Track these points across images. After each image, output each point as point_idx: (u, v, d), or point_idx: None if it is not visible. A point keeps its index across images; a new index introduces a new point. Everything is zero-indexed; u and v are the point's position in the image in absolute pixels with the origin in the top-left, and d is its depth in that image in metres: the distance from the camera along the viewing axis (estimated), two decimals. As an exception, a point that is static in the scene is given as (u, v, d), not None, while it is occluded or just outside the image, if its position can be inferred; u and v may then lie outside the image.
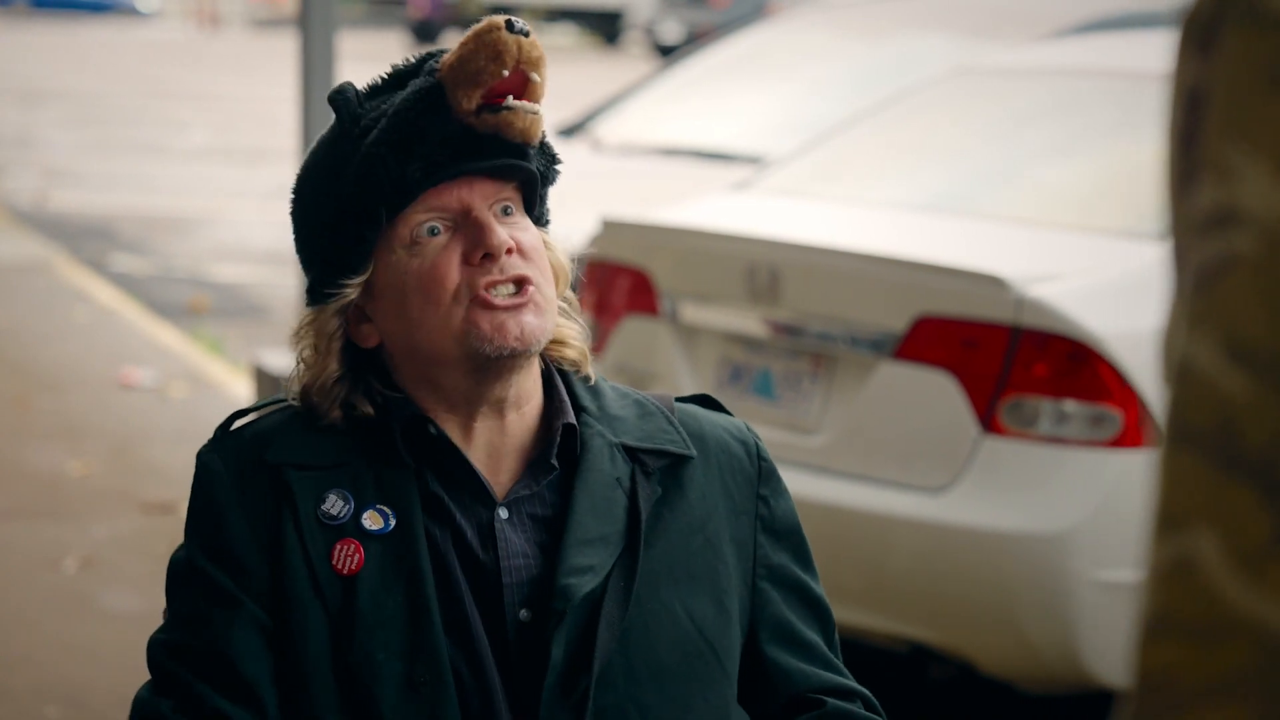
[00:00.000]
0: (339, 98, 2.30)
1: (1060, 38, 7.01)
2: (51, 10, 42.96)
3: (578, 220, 4.88)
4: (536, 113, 2.26)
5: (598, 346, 5.27)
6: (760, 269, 5.06)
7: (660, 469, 2.35)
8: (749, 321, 5.13)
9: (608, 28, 36.41)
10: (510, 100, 2.24)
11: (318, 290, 2.32)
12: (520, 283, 2.27)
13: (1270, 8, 1.03)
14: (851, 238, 5.15)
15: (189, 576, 2.28)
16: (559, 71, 2.29)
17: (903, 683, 5.28)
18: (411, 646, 2.22)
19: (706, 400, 2.49)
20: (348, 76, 2.60)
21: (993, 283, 4.67)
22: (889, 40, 8.63)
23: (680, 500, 2.35)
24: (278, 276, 11.60)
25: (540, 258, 2.31)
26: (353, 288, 2.30)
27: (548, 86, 2.26)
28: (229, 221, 14.38)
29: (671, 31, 31.12)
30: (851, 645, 2.55)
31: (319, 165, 2.33)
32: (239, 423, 2.35)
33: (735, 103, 8.60)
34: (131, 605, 5.91)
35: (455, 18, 34.56)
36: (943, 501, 4.73)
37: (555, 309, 2.32)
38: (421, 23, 35.75)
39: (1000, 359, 4.66)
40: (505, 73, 2.22)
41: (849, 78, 8.28)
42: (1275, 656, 1.01)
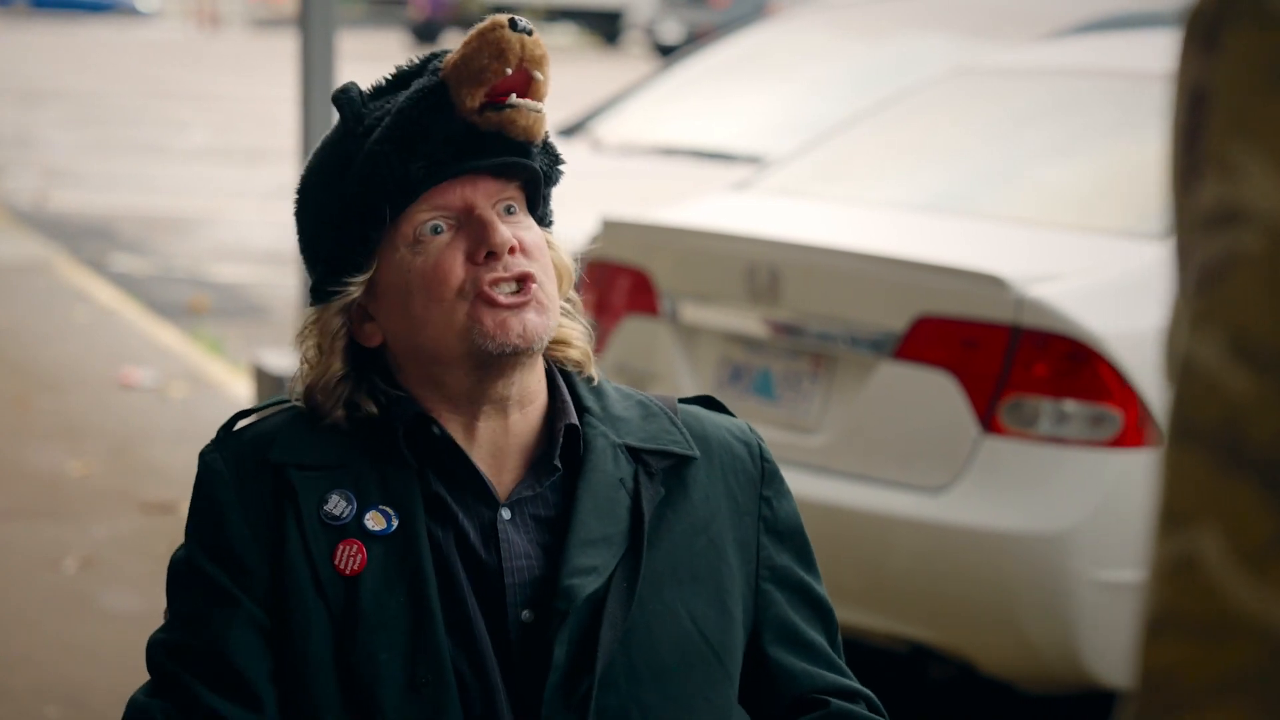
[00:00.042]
0: (343, 97, 2.31)
1: (1060, 38, 7.01)
2: (51, 10, 42.94)
3: (577, 220, 4.87)
4: (539, 111, 2.26)
5: (597, 347, 5.25)
6: (760, 269, 5.06)
7: (663, 470, 2.34)
8: (749, 321, 5.13)
9: (608, 28, 36.40)
10: (513, 98, 2.24)
11: (321, 289, 2.32)
12: (523, 281, 2.27)
13: (1274, 6, 1.03)
14: (851, 238, 5.15)
15: (189, 576, 2.28)
16: (558, 71, 2.29)
17: (903, 683, 5.27)
18: (413, 647, 2.22)
19: (710, 401, 2.49)
20: (348, 76, 2.60)
21: (993, 283, 4.67)
22: (889, 40, 8.62)
23: (683, 501, 2.35)
24: (278, 276, 11.60)
25: (543, 257, 2.31)
26: (356, 286, 2.30)
27: (550, 85, 2.27)
28: (229, 221, 14.38)
29: (671, 31, 31.10)
30: (851, 645, 2.55)
31: (323, 164, 2.33)
32: (242, 423, 2.35)
33: (735, 103, 8.59)
34: (131, 605, 5.90)
35: (456, 18, 34.55)
36: (942, 501, 4.73)
37: (558, 308, 2.32)
38: (422, 23, 35.74)
39: (1000, 359, 4.65)
40: (508, 71, 2.22)
41: (849, 78, 8.28)
42: (1279, 655, 1.00)
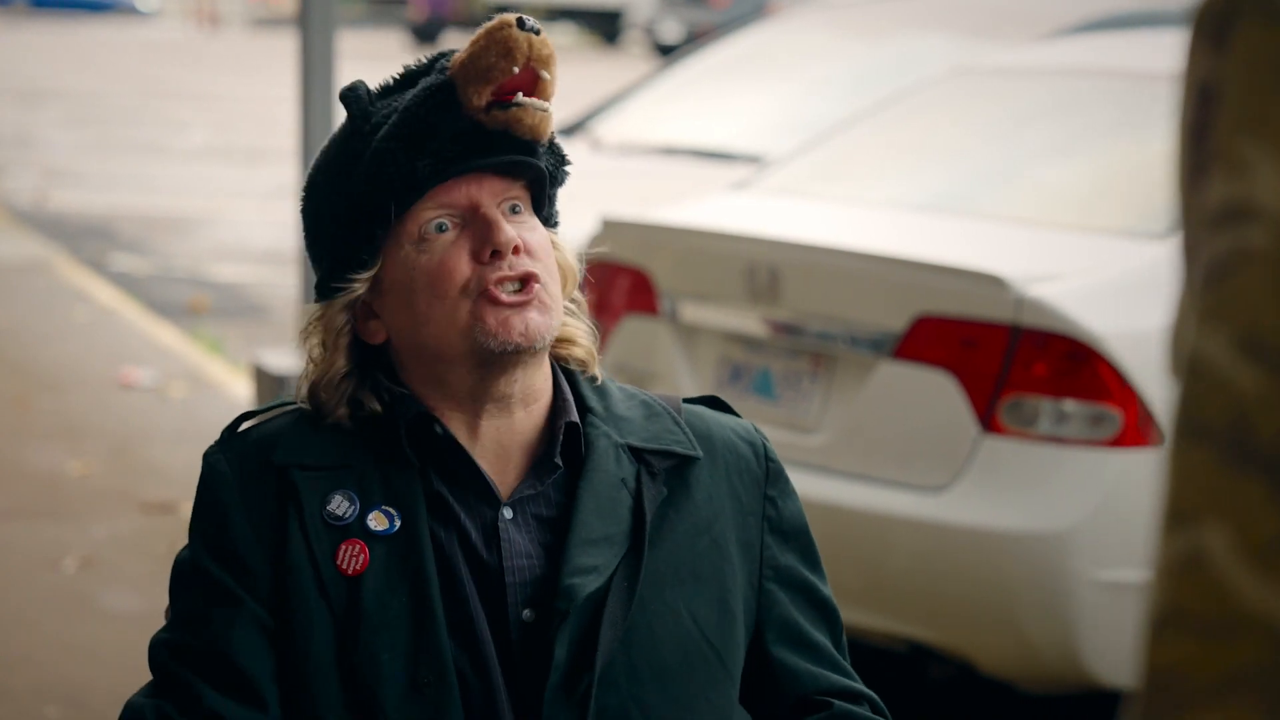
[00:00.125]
0: (351, 95, 2.31)
1: (1060, 38, 7.01)
2: (51, 10, 42.92)
3: (578, 220, 4.86)
4: (546, 110, 2.27)
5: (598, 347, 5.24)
6: (760, 269, 5.06)
7: (666, 470, 2.34)
8: (749, 321, 5.13)
9: (607, 27, 36.39)
10: (520, 97, 2.24)
11: (326, 286, 2.32)
12: (526, 280, 2.27)
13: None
14: (851, 237, 5.15)
15: (192, 577, 2.28)
16: (558, 71, 2.29)
17: (903, 683, 5.27)
18: (415, 647, 2.22)
19: (715, 402, 2.49)
20: (348, 76, 2.60)
21: (992, 282, 4.67)
22: (889, 40, 8.62)
23: (686, 501, 2.34)
24: (278, 276, 11.60)
25: (547, 256, 2.31)
26: (361, 283, 2.30)
27: (557, 85, 2.27)
28: (229, 221, 14.37)
29: (671, 31, 31.10)
30: (851, 645, 2.54)
31: (331, 162, 2.33)
32: (246, 425, 2.35)
33: (735, 102, 8.59)
34: (131, 605, 5.90)
35: (456, 18, 34.54)
36: (942, 501, 4.73)
37: (561, 308, 2.32)
38: (422, 23, 35.72)
39: (1000, 358, 4.65)
40: (515, 69, 2.23)
41: (849, 78, 8.28)
42: (1286, 652, 1.00)
